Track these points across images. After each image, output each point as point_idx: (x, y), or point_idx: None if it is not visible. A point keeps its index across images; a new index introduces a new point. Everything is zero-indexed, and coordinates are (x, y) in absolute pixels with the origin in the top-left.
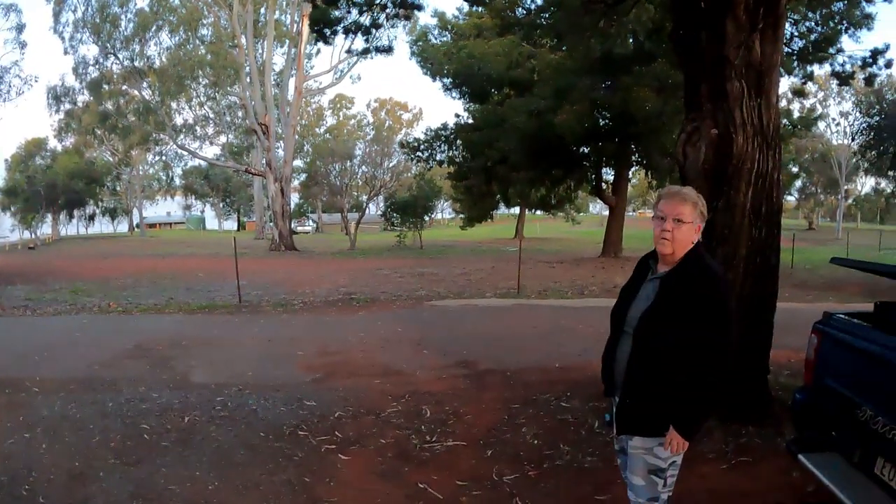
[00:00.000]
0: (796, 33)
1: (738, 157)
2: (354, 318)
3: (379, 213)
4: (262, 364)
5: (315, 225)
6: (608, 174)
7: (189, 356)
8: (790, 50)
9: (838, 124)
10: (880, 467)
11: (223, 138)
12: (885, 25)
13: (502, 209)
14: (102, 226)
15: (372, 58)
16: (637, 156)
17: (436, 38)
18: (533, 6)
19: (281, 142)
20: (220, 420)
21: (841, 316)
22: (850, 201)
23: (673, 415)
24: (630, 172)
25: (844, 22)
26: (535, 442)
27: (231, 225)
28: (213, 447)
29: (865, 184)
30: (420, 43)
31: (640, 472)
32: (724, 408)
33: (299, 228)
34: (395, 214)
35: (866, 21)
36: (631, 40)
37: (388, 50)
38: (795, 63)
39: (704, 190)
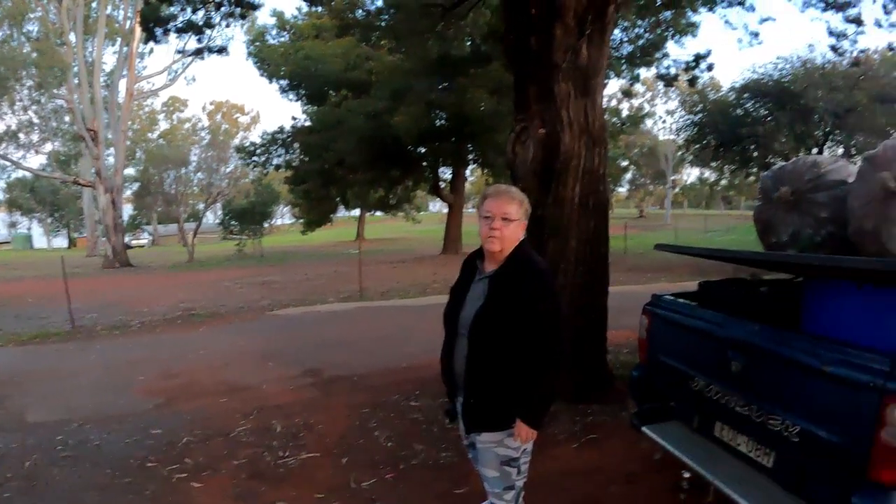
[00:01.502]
0: (626, 39)
1: (566, 154)
2: (196, 335)
3: (217, 221)
4: (101, 394)
5: (151, 238)
6: (446, 173)
7: (23, 393)
8: (620, 54)
9: (665, 121)
10: (719, 430)
11: (49, 146)
12: (708, 32)
13: (343, 212)
14: None
15: (203, 59)
16: (474, 155)
17: (273, 39)
18: (373, 7)
19: (111, 149)
20: (63, 461)
21: (668, 297)
22: (677, 190)
23: (518, 407)
24: (468, 171)
25: (671, 29)
26: (389, 444)
27: (61, 242)
28: (59, 492)
29: (691, 174)
30: (257, 43)
31: (492, 465)
32: (569, 391)
33: (134, 242)
34: (233, 222)
35: (691, 28)
36: (469, 43)
37: (221, 50)
38: (625, 66)
39: (534, 186)
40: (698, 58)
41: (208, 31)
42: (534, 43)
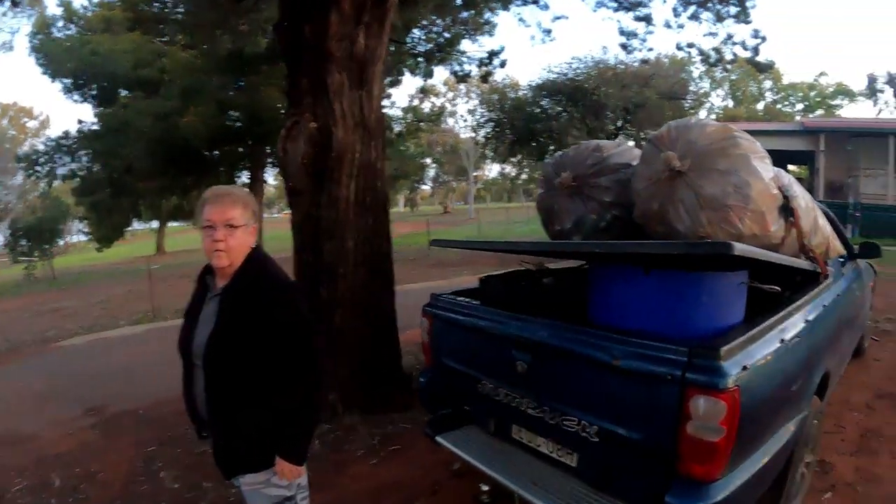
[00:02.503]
0: (423, 37)
1: (339, 149)
2: None
3: (3, 242)
4: None
5: None
6: (243, 177)
7: None
8: (416, 51)
9: (466, 120)
10: (517, 432)
11: None
12: (505, 32)
13: (143, 224)
14: None
15: None
16: (272, 157)
17: (60, 32)
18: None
19: None
20: None
21: (447, 296)
22: (479, 185)
23: (275, 443)
24: (267, 174)
25: (468, 27)
26: (176, 486)
27: None
28: None
29: (492, 169)
30: (40, 36)
31: None
32: (362, 402)
33: None
34: (21, 242)
35: (488, 27)
36: (268, 39)
37: None
38: (422, 63)
39: (307, 185)
40: (492, 54)
41: None
42: (308, 31)
